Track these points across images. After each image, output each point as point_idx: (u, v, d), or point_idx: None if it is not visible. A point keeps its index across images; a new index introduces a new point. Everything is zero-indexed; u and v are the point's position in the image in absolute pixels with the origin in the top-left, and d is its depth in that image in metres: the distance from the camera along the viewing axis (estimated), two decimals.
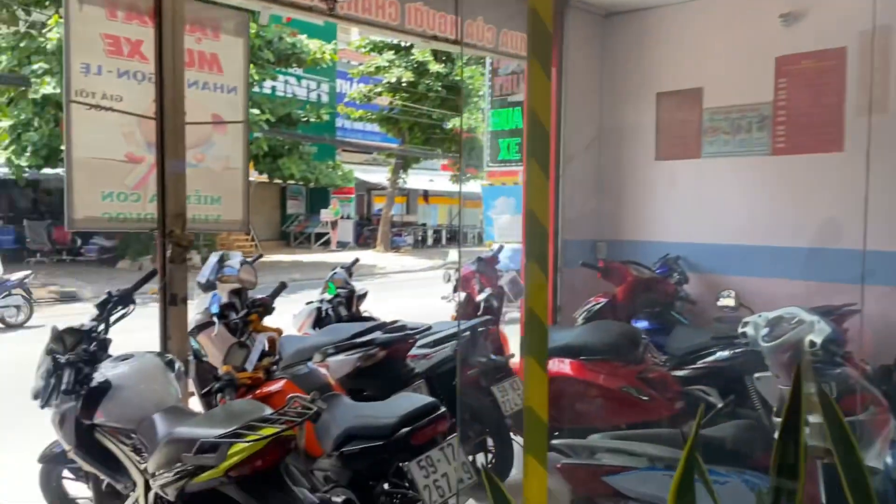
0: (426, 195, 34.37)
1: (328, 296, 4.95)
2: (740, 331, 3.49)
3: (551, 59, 1.35)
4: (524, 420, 1.25)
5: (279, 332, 3.56)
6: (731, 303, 4.84)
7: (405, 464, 2.53)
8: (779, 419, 1.84)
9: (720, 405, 4.03)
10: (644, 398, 4.00)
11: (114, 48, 3.57)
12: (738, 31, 5.56)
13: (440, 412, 2.67)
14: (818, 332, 2.91)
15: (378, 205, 32.39)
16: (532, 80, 1.18)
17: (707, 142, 5.71)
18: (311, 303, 5.09)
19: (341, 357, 3.67)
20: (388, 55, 24.09)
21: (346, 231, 28.26)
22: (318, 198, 28.39)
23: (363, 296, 5.21)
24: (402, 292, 16.71)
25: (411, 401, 2.71)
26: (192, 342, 3.28)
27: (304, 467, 2.64)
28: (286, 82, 24.04)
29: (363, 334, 3.80)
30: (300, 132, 22.39)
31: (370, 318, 5.06)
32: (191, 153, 3.73)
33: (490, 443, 4.09)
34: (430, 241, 30.91)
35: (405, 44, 22.94)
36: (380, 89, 24.83)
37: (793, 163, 5.29)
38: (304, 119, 22.14)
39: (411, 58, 23.83)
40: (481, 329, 4.25)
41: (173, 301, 3.75)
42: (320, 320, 4.97)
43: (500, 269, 5.50)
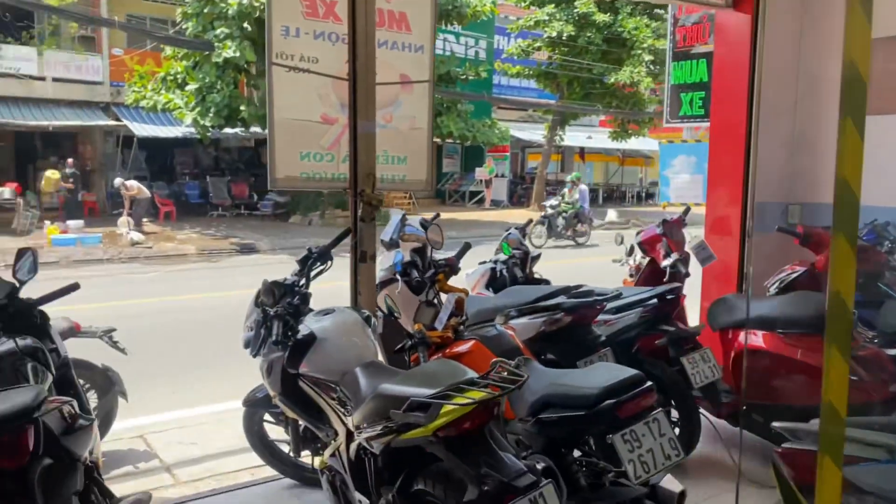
0: (582, 153, 33.57)
1: (503, 256, 4.92)
2: None
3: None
4: (821, 415, 1.13)
5: (465, 292, 3.57)
6: None
7: (609, 436, 2.46)
8: None
9: None
10: (853, 377, 3.64)
11: (311, 10, 3.67)
12: None
13: (647, 385, 2.56)
14: None
15: (532, 163, 32.06)
16: (851, 27, 1.02)
17: None
18: (484, 262, 5.09)
19: (524, 320, 3.63)
20: (549, 8, 23.48)
21: (500, 189, 28.26)
22: (472, 156, 28.53)
23: (537, 257, 5.14)
24: (562, 253, 16.57)
25: (614, 372, 2.61)
26: (386, 300, 3.36)
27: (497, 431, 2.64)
28: (444, 40, 24.16)
29: (548, 297, 3.74)
30: (458, 90, 22.47)
31: (543, 281, 4.99)
32: (379, 114, 3.78)
33: (674, 415, 3.92)
34: None
35: None
36: (539, 44, 24.33)
37: None
38: (463, 77, 22.17)
39: (573, 10, 23.08)
40: (670, 297, 4.05)
41: (363, 258, 3.86)
42: (493, 281, 4.97)
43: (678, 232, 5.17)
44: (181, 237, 16.99)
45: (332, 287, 3.84)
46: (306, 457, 3.83)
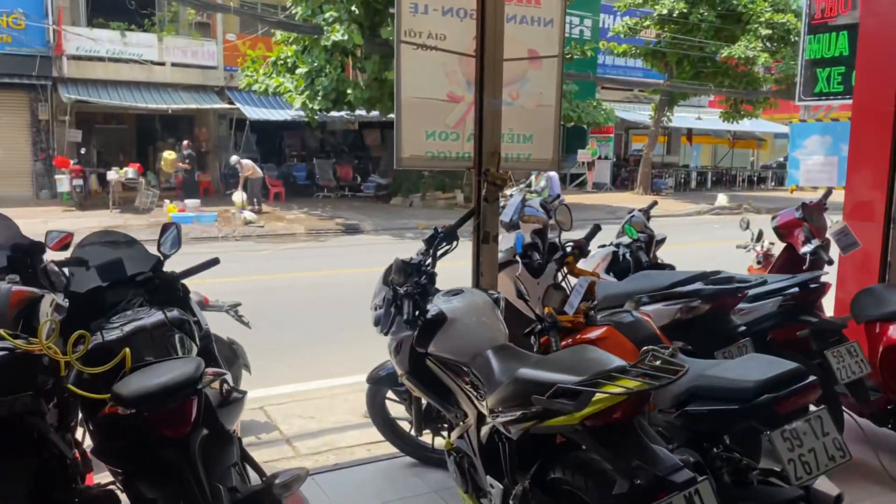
0: (690, 134, 32.33)
1: (627, 239, 4.74)
2: None
3: None
4: None
5: (597, 275, 3.44)
6: None
7: (766, 433, 2.30)
8: None
9: None
10: None
11: None
12: None
13: (810, 380, 2.37)
14: None
15: (636, 145, 31.15)
16: None
17: None
18: (604, 245, 4.93)
19: (658, 307, 3.47)
20: None
21: (603, 172, 27.62)
22: (574, 137, 27.95)
23: (661, 241, 4.93)
24: (673, 238, 15.91)
25: (771, 364, 2.44)
26: (516, 282, 3.28)
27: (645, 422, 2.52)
28: None
29: (683, 283, 3.56)
30: (563, 70, 22.01)
31: (668, 266, 4.78)
32: (506, 90, 3.69)
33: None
34: (693, 184, 29.12)
35: None
36: (647, 22, 23.49)
37: None
38: (568, 56, 21.70)
39: None
40: (814, 285, 3.78)
41: (485, 239, 3.80)
42: (614, 265, 4.80)
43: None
44: (290, 217, 17.53)
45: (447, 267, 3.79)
46: (427, 435, 3.86)
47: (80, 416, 2.72)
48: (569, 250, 3.56)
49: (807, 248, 4.39)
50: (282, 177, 22.09)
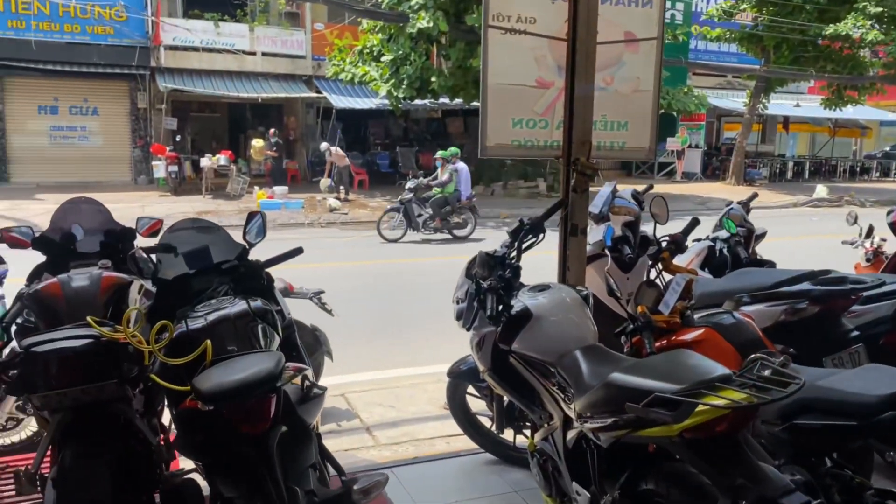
0: (786, 122, 30.76)
1: (724, 234, 4.47)
2: None
3: None
4: None
5: (694, 272, 3.23)
6: None
7: (890, 454, 2.08)
8: None
9: None
10: None
11: None
12: None
13: None
14: None
15: (728, 133, 29.88)
16: None
17: None
18: (699, 239, 4.67)
19: (760, 307, 3.22)
20: None
21: (693, 161, 26.63)
22: (663, 125, 27.01)
23: (762, 235, 4.63)
24: (769, 231, 15.17)
25: (893, 376, 2.20)
26: (608, 278, 3.12)
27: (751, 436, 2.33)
28: None
29: (789, 283, 3.30)
30: None
31: (768, 262, 4.48)
32: (599, 75, 3.51)
33: None
34: (788, 174, 27.70)
35: None
36: (744, 5, 22.42)
37: None
38: None
39: None
40: None
41: (574, 231, 3.64)
42: (709, 259, 4.54)
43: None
44: (373, 205, 17.69)
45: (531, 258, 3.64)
46: (508, 433, 3.75)
47: (166, 403, 2.75)
48: (664, 245, 3.35)
49: None
50: (365, 165, 22.34)
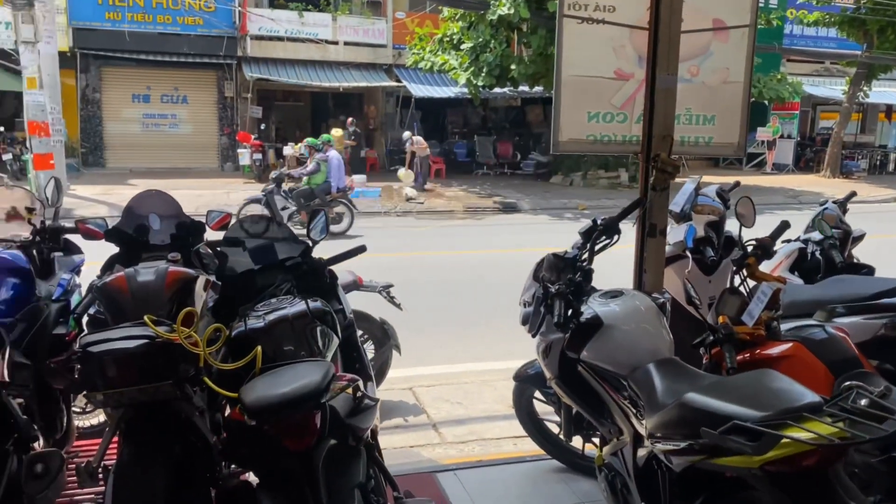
0: (889, 111, 28.90)
1: (817, 235, 4.15)
2: None
3: None
4: None
5: (782, 280, 2.99)
6: None
7: None
8: None
9: None
10: None
11: None
12: None
13: None
14: None
15: (824, 122, 28.30)
16: None
17: None
18: (789, 241, 4.35)
19: (857, 320, 2.94)
20: None
21: (785, 152, 25.35)
22: (753, 114, 25.76)
23: (859, 238, 4.28)
24: (866, 229, 14.28)
25: None
26: (686, 284, 2.92)
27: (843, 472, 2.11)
28: None
29: (890, 293, 3.00)
30: None
31: (866, 267, 4.14)
32: (684, 66, 3.28)
33: None
34: (890, 167, 26.02)
35: None
36: None
37: None
38: None
39: None
40: None
41: (652, 232, 3.43)
42: (799, 262, 4.23)
43: None
44: (449, 194, 17.66)
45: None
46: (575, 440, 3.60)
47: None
48: (750, 250, 3.12)
49: None
50: (443, 154, 22.31)
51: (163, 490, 2.14)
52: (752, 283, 3.08)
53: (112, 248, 3.37)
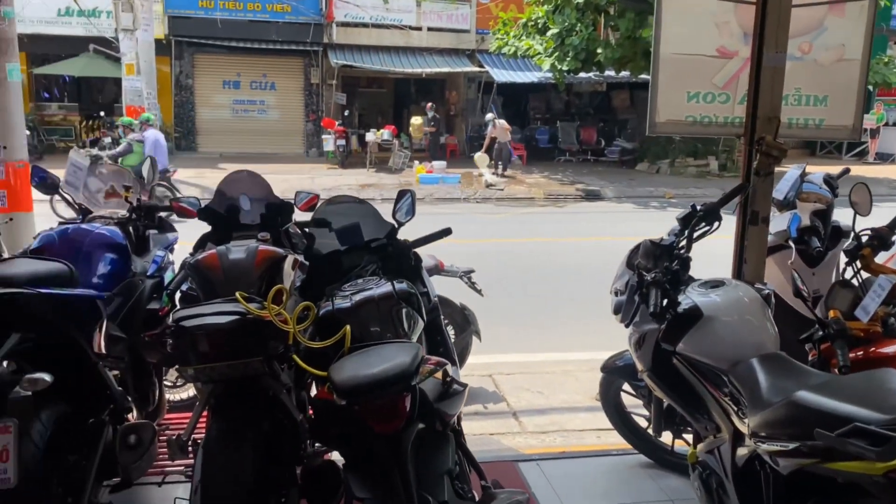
0: None
1: None
2: None
3: None
4: None
5: None
6: None
7: None
8: None
9: None
10: None
11: None
12: None
13: None
14: None
15: None
16: None
17: None
18: None
19: None
20: None
21: (890, 140, 23.82)
22: None
23: None
24: None
25: None
26: (794, 275, 2.73)
27: None
28: None
29: None
30: None
31: None
32: (794, 43, 3.07)
33: None
34: None
35: None
36: None
37: None
38: None
39: None
40: None
41: (753, 220, 3.26)
42: None
43: None
44: (530, 181, 17.45)
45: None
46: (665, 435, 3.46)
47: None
48: (865, 240, 2.89)
49: None
50: (524, 140, 22.06)
51: (251, 466, 2.15)
52: (865, 276, 2.86)
53: (203, 228, 3.44)
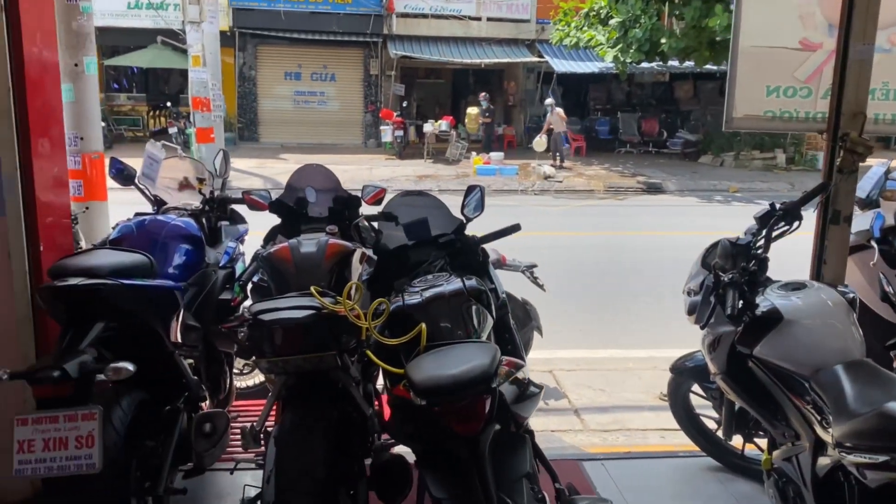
0: None
1: None
2: None
3: None
4: None
5: None
6: None
7: None
8: None
9: None
10: None
11: None
12: None
13: None
14: None
15: None
16: None
17: None
18: None
19: None
20: None
21: None
22: None
23: None
24: None
25: None
26: (884, 279, 2.62)
27: None
28: None
29: None
30: None
31: None
32: (883, 34, 2.94)
33: None
34: None
35: None
36: None
37: None
38: None
39: None
40: None
41: (835, 219, 3.13)
42: None
43: None
44: (589, 173, 17.23)
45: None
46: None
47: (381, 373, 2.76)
48: None
49: None
50: (584, 131, 21.77)
51: (322, 457, 2.18)
52: None
53: (271, 220, 3.49)
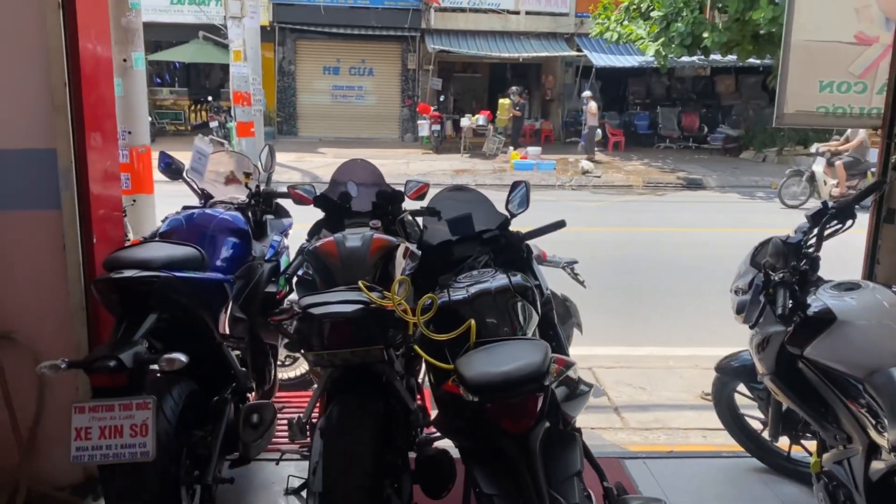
0: None
1: None
2: None
3: None
4: None
5: None
6: None
7: None
8: None
9: None
10: None
11: None
12: None
13: None
14: None
15: None
16: None
17: None
18: None
19: None
20: None
21: None
22: None
23: None
24: None
25: None
26: None
27: None
28: None
29: None
30: None
31: None
32: None
33: None
34: None
35: None
36: None
37: None
38: None
39: None
40: None
41: (889, 218, 3.05)
42: None
43: None
44: (628, 168, 17.05)
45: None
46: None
47: (424, 366, 2.78)
48: None
49: None
50: (622, 125, 21.54)
51: (369, 449, 2.20)
52: None
53: (314, 214, 3.52)
